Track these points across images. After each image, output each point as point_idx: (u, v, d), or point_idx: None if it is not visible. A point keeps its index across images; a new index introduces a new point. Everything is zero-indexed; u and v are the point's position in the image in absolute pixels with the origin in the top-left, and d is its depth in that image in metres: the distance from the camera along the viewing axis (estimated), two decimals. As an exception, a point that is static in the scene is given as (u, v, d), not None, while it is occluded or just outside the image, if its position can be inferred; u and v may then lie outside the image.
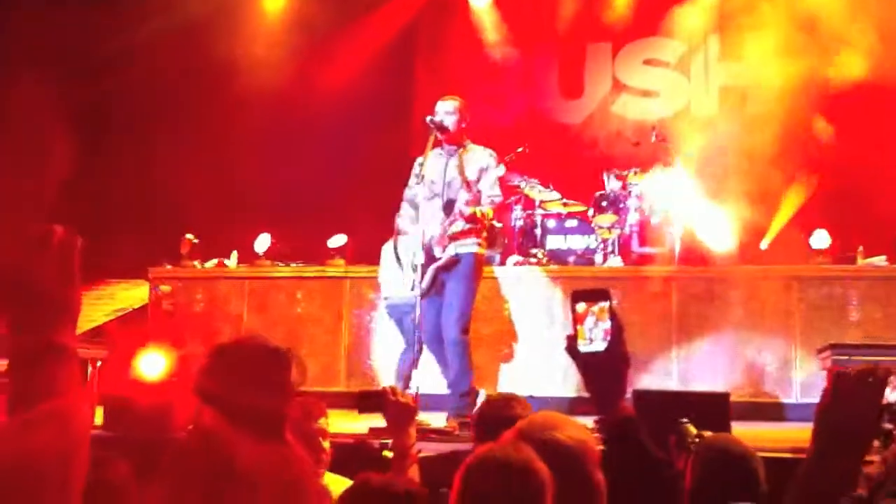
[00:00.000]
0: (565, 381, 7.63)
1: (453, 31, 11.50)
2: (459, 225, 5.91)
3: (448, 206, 6.00)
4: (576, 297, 1.96)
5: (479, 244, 6.05)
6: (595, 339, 1.93)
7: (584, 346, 1.94)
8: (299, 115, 10.39)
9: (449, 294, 5.94)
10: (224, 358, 2.21)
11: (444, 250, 5.94)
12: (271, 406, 2.07)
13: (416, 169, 6.12)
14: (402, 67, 11.58)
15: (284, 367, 2.26)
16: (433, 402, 7.49)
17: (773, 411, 7.24)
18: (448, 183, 6.04)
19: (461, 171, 6.03)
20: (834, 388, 1.68)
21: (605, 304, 1.94)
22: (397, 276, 6.26)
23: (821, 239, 8.37)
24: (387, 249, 6.60)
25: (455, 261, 5.93)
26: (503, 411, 3.33)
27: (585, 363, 1.95)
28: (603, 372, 1.95)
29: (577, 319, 1.95)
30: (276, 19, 11.17)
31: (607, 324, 1.93)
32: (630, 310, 7.54)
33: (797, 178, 9.68)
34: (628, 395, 3.80)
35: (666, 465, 1.96)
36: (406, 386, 6.95)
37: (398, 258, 6.12)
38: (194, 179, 9.75)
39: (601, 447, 2.01)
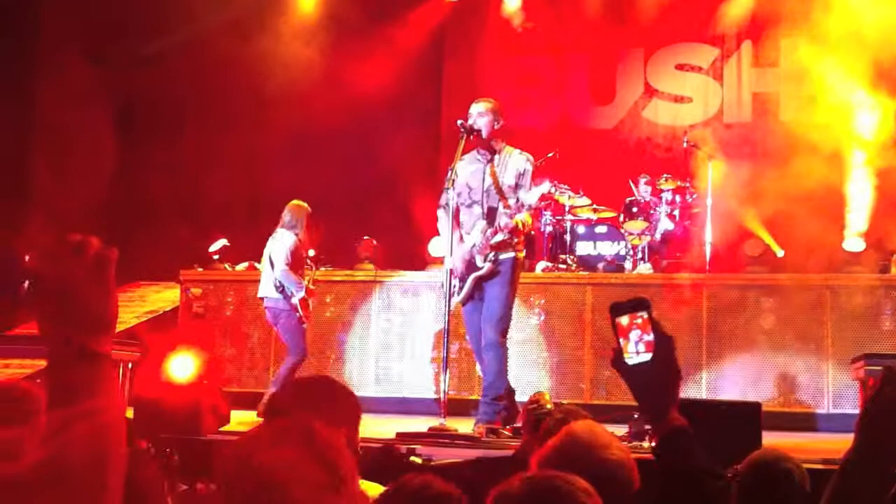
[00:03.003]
0: (594, 388, 7.59)
1: (483, 35, 11.49)
2: (501, 236, 5.91)
3: (489, 214, 5.97)
4: (616, 310, 1.92)
5: (518, 249, 6.05)
6: (640, 350, 1.90)
7: (631, 359, 1.90)
8: (329, 117, 10.43)
9: (489, 298, 5.94)
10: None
11: (485, 260, 5.92)
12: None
13: (449, 174, 6.08)
14: (432, 70, 11.59)
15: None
16: (461, 408, 7.51)
17: (805, 421, 7.15)
18: (486, 190, 6.00)
19: (496, 178, 6.00)
20: (884, 383, 1.63)
21: (646, 314, 1.90)
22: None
23: (855, 244, 8.32)
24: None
25: (496, 270, 5.94)
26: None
27: (633, 375, 1.91)
28: (652, 383, 1.91)
29: (621, 333, 1.91)
30: (308, 21, 11.20)
31: (650, 335, 1.90)
32: (659, 317, 7.44)
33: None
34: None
35: (717, 477, 1.93)
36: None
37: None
38: (226, 183, 9.82)
39: (655, 456, 1.97)
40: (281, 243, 7.09)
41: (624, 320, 1.92)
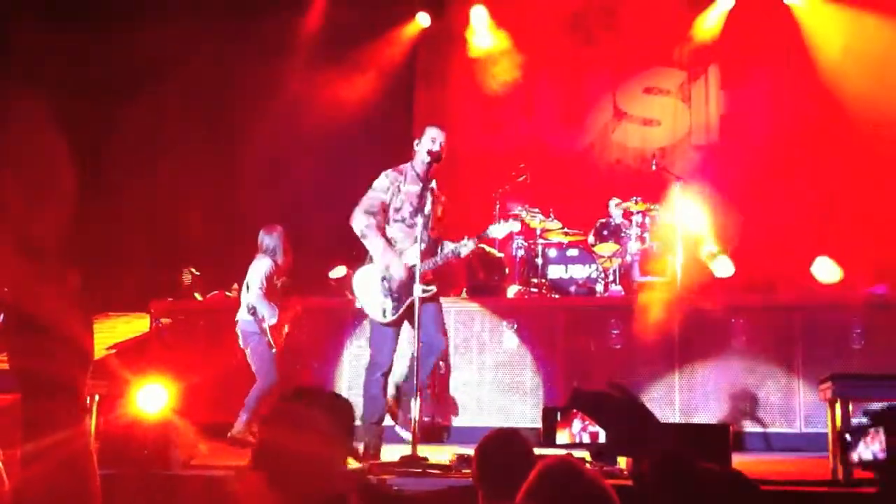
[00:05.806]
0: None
1: (454, 59, 11.54)
2: (438, 261, 6.03)
3: (430, 241, 6.04)
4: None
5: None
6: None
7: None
8: (297, 145, 10.43)
9: (434, 311, 6.05)
10: None
11: (428, 285, 6.00)
12: None
13: (393, 178, 6.12)
14: (402, 94, 11.62)
15: None
16: (433, 434, 7.49)
17: (777, 441, 7.19)
18: (428, 216, 6.08)
19: (440, 207, 6.18)
20: None
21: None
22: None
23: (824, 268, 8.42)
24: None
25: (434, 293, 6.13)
26: (505, 448, 3.34)
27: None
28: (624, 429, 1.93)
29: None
30: (277, 46, 11.20)
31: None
32: (631, 339, 7.51)
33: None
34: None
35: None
36: (252, 419, 6.91)
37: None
38: (194, 212, 9.77)
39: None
40: (257, 268, 7.16)
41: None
